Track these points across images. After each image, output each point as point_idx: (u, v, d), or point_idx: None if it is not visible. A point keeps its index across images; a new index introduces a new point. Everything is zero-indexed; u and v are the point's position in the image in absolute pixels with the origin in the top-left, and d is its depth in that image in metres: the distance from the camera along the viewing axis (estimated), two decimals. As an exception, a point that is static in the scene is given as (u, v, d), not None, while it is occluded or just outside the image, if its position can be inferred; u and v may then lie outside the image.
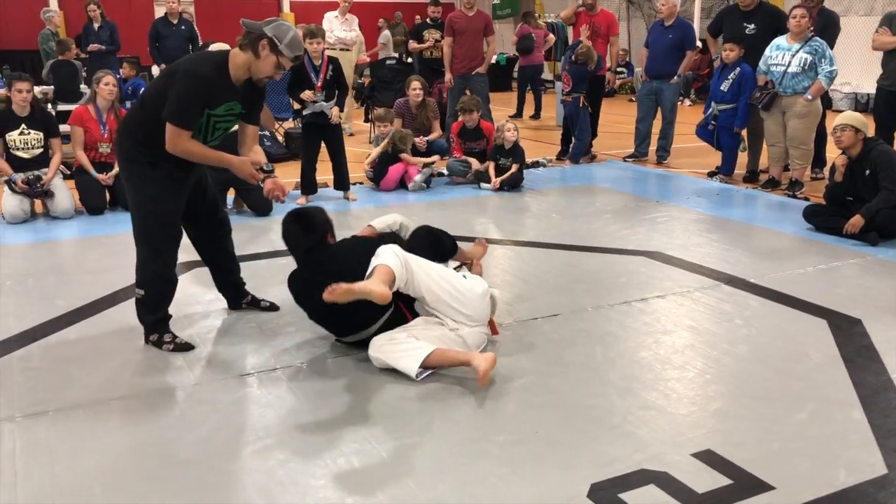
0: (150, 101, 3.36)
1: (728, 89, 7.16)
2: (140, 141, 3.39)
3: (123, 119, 3.62)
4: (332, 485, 2.50)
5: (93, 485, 2.51)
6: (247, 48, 3.35)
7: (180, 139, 3.29)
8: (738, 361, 3.42)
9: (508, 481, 2.51)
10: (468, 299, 3.35)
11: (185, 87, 3.26)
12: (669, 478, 2.51)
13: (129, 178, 3.50)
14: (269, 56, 3.33)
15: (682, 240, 5.37)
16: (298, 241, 3.58)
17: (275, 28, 3.35)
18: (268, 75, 3.41)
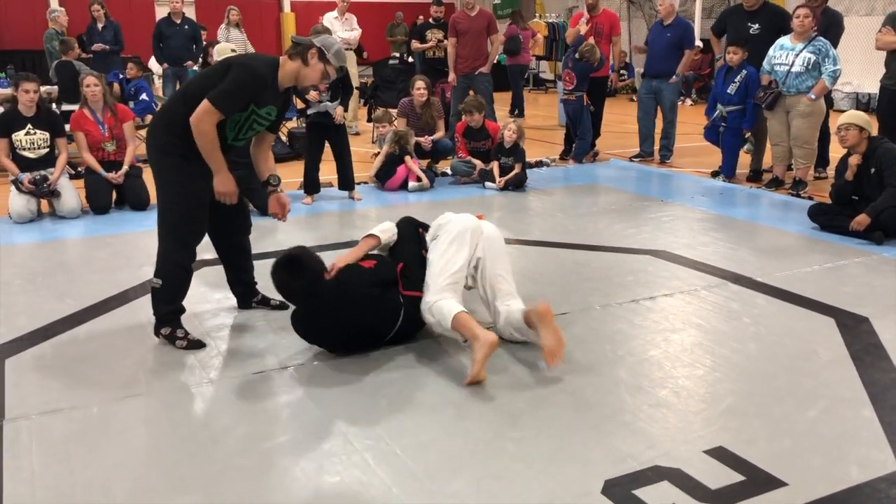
0: (196, 95, 3.37)
1: (735, 92, 7.16)
2: (178, 134, 3.39)
3: (159, 113, 3.65)
4: (348, 482, 2.52)
5: (111, 482, 2.53)
6: (296, 57, 3.50)
7: (209, 118, 3.31)
8: (747, 359, 3.44)
9: (524, 477, 2.53)
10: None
11: (242, 77, 3.35)
12: (682, 474, 2.53)
13: (160, 171, 3.53)
14: (318, 64, 3.51)
15: (687, 239, 5.39)
16: (293, 289, 3.44)
17: (322, 40, 3.59)
18: (314, 82, 3.60)
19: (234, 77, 3.34)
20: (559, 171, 8.14)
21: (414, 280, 3.54)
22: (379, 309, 3.46)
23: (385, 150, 7.07)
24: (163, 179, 3.53)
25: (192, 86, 3.51)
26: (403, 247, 3.71)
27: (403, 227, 3.81)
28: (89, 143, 6.20)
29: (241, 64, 3.42)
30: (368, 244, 3.67)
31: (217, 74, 3.39)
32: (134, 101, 9.08)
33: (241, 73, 3.35)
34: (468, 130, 7.36)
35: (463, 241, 3.55)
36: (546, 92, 17.59)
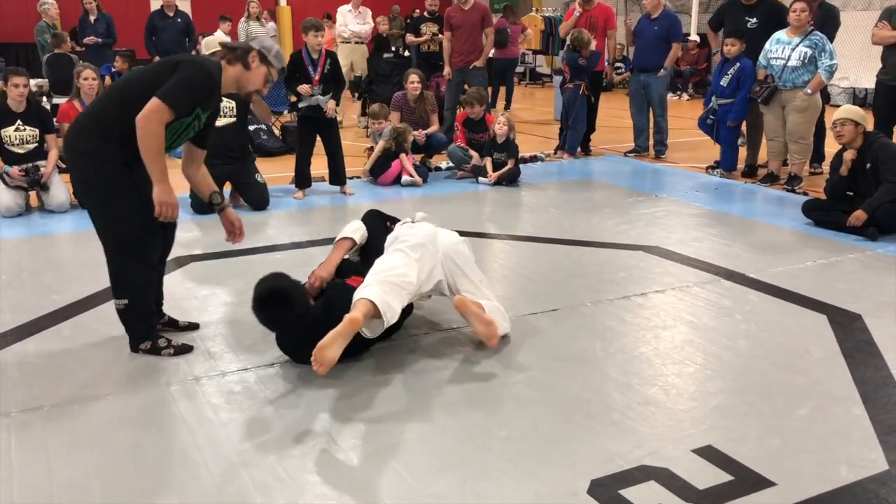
0: (134, 94, 3.13)
1: (728, 84, 7.13)
2: (116, 138, 3.14)
3: (89, 116, 3.28)
4: (331, 482, 2.48)
5: (90, 482, 2.49)
6: (235, 62, 3.35)
7: (160, 117, 3.04)
8: (738, 357, 3.40)
9: (510, 477, 2.49)
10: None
11: (196, 75, 3.16)
12: (670, 474, 2.49)
13: (98, 182, 3.20)
14: (260, 67, 3.38)
15: (680, 234, 5.36)
16: (282, 322, 3.23)
17: (259, 41, 3.47)
18: (257, 87, 3.45)
19: (188, 75, 3.13)
20: (553, 166, 8.09)
21: None
22: None
23: (381, 145, 7.01)
24: (103, 193, 3.21)
25: (129, 84, 3.27)
26: (374, 242, 3.64)
27: (371, 223, 3.74)
28: (78, 137, 6.15)
29: (193, 62, 3.23)
30: (344, 247, 3.56)
31: (161, 72, 3.17)
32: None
33: (194, 71, 3.15)
34: (468, 121, 7.32)
35: (419, 260, 3.27)
36: (543, 86, 17.54)
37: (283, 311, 3.12)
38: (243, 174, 6.11)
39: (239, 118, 6.09)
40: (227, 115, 6.01)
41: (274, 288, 3.15)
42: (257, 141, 8.46)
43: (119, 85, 3.36)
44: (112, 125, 3.16)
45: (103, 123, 3.18)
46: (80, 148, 3.22)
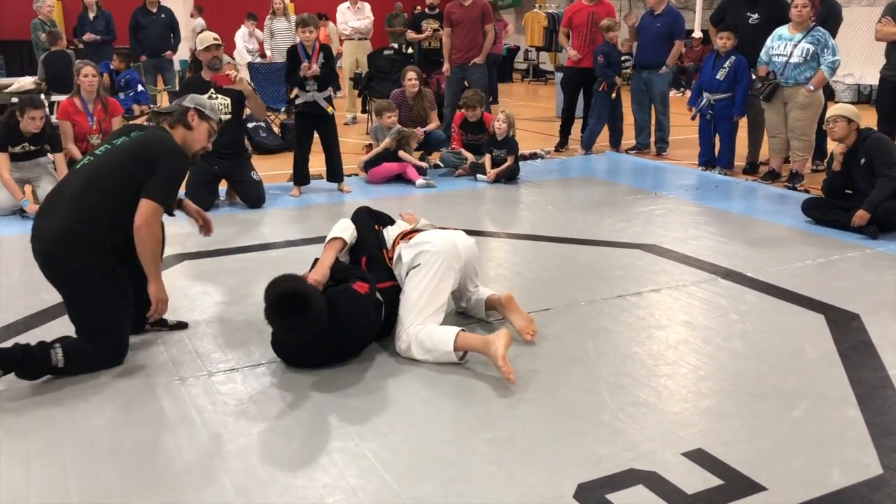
0: (123, 204, 3.12)
1: (724, 78, 7.08)
2: (106, 248, 3.13)
3: (72, 233, 3.09)
4: (313, 484, 2.44)
5: (69, 483, 2.45)
6: (177, 125, 3.41)
7: (158, 219, 3.17)
8: (733, 357, 3.35)
9: (494, 480, 2.44)
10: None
11: (178, 167, 3.27)
12: (658, 478, 2.45)
13: (89, 292, 3.14)
14: (202, 123, 3.45)
15: (679, 232, 5.30)
16: (303, 326, 3.00)
17: (191, 99, 3.49)
18: (203, 145, 3.51)
19: (174, 171, 3.23)
20: (554, 164, 8.04)
21: (380, 270, 3.48)
22: (372, 328, 3.36)
23: (386, 143, 6.96)
24: (91, 282, 3.13)
25: (110, 192, 3.14)
26: (363, 239, 3.61)
27: (360, 221, 3.70)
28: (75, 134, 6.11)
29: (171, 151, 3.24)
30: (335, 248, 3.47)
31: (142, 167, 3.13)
32: (124, 93, 9.01)
33: (176, 162, 3.24)
34: (465, 123, 7.25)
35: (447, 275, 3.36)
36: (546, 83, 17.46)
37: (300, 317, 2.93)
38: (238, 172, 6.07)
39: (234, 116, 6.04)
40: (223, 113, 5.96)
41: (292, 292, 2.96)
42: (256, 138, 8.44)
43: (96, 194, 3.14)
44: (101, 238, 3.13)
45: (90, 239, 3.11)
46: (70, 267, 3.12)
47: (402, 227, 3.75)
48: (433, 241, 3.42)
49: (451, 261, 3.39)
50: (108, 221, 3.15)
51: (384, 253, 3.60)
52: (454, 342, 3.15)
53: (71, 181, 3.28)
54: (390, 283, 3.48)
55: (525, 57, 18.60)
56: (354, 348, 3.37)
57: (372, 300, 3.29)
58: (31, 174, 5.93)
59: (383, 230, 3.77)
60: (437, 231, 3.62)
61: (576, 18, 8.37)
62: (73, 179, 3.28)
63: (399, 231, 3.69)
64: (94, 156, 3.31)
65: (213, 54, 6.01)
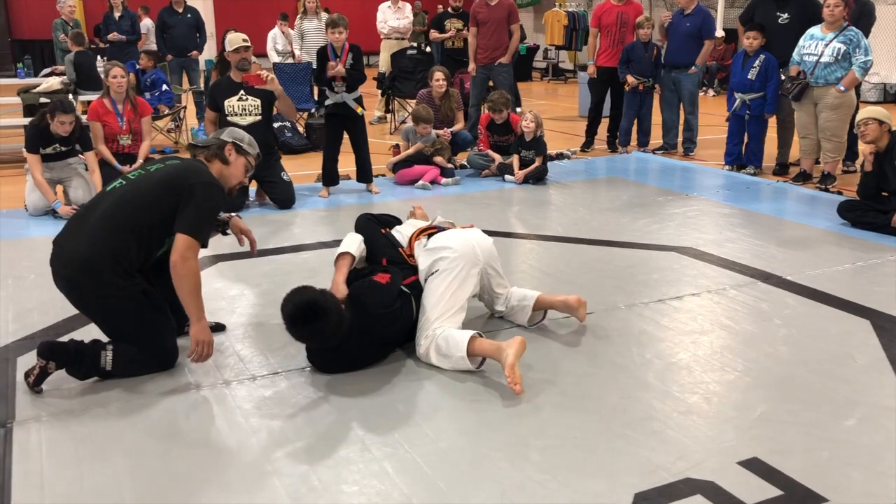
0: (154, 231, 3.10)
1: (756, 77, 7.04)
2: (135, 272, 3.11)
3: (102, 255, 3.04)
4: (366, 491, 2.42)
5: (122, 489, 2.45)
6: (213, 159, 3.32)
7: (195, 254, 3.05)
8: (780, 364, 3.31)
9: (549, 489, 2.42)
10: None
11: (214, 200, 3.16)
12: (716, 488, 2.41)
13: (116, 298, 3.09)
14: (238, 158, 3.37)
15: (713, 235, 5.25)
16: (323, 333, 3.05)
17: (230, 133, 3.41)
18: (240, 180, 3.42)
19: (209, 205, 3.12)
20: (580, 164, 7.99)
21: (403, 268, 3.47)
22: (401, 317, 3.34)
23: (417, 146, 6.93)
24: (124, 306, 3.11)
25: (140, 219, 3.09)
26: (374, 245, 3.59)
27: (366, 229, 3.69)
28: (105, 135, 6.12)
29: (205, 184, 3.13)
30: (346, 265, 3.44)
31: (176, 197, 3.06)
32: (150, 93, 9.02)
33: (212, 195, 3.14)
34: (492, 124, 7.21)
35: (466, 280, 3.35)
36: (566, 82, 17.40)
37: (320, 324, 2.97)
38: (269, 172, 6.06)
39: (264, 116, 6.04)
40: (253, 114, 5.97)
41: (305, 302, 2.99)
42: (281, 138, 8.43)
43: (126, 217, 3.09)
44: (129, 261, 3.09)
45: (120, 264, 3.06)
46: (98, 293, 3.09)
47: (417, 225, 3.74)
48: (451, 244, 3.38)
49: (470, 266, 3.37)
50: (135, 245, 3.09)
51: (401, 251, 3.59)
52: (467, 348, 3.11)
53: (100, 203, 3.19)
54: (413, 277, 3.46)
55: (545, 56, 18.53)
56: (389, 341, 3.34)
57: (394, 288, 3.30)
58: (62, 174, 5.95)
59: (392, 231, 3.76)
60: (455, 232, 3.55)
61: (605, 18, 8.32)
62: (102, 201, 3.20)
63: (415, 228, 3.69)
64: (127, 180, 3.24)
65: (242, 56, 6.01)
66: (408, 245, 3.61)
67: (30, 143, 5.73)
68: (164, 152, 8.28)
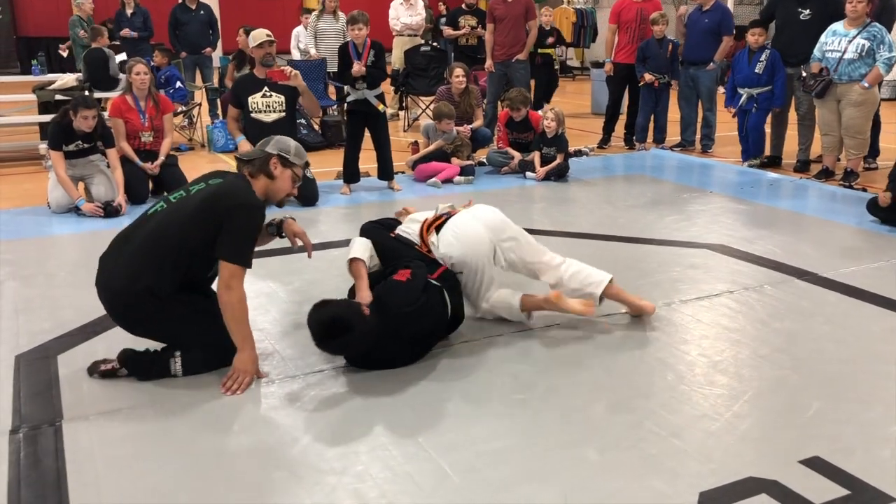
0: (195, 258, 3.03)
1: (763, 71, 7.08)
2: (176, 278, 3.03)
3: (142, 289, 3.00)
4: (420, 491, 2.39)
5: (177, 491, 2.42)
6: (258, 174, 3.19)
7: (240, 282, 2.98)
8: (828, 362, 3.28)
9: (611, 489, 2.39)
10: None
11: (253, 222, 3.05)
12: (781, 487, 2.38)
13: (160, 318, 3.07)
14: (285, 171, 3.22)
15: (742, 231, 5.22)
16: (352, 344, 3.08)
17: (275, 144, 3.23)
18: (288, 192, 3.29)
19: (247, 226, 3.02)
20: (598, 161, 7.97)
21: (424, 260, 3.45)
22: (430, 311, 3.30)
23: (438, 144, 6.90)
24: (169, 321, 3.10)
25: (177, 248, 3.01)
26: (387, 249, 3.54)
27: (374, 234, 3.62)
28: (127, 131, 6.09)
29: (244, 206, 3.03)
30: (363, 269, 3.40)
31: (212, 220, 2.98)
32: (164, 90, 8.97)
33: (250, 218, 3.03)
34: (511, 121, 7.17)
35: (482, 269, 3.52)
36: (574, 79, 17.35)
37: (345, 338, 2.99)
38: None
39: (288, 113, 6.00)
40: (277, 111, 5.94)
41: (329, 318, 3.01)
42: (297, 135, 8.37)
43: (167, 247, 3.03)
44: (168, 288, 3.02)
45: (157, 296, 3.01)
46: (139, 317, 3.09)
47: (420, 219, 3.70)
48: (453, 252, 3.47)
49: (478, 258, 3.49)
50: (175, 274, 3.03)
51: (418, 249, 3.56)
52: (519, 302, 3.54)
53: (142, 227, 3.13)
54: (441, 269, 3.44)
55: (552, 53, 18.46)
56: (422, 337, 3.30)
57: (416, 283, 3.27)
58: (85, 171, 5.91)
59: (398, 232, 3.69)
60: (456, 223, 3.55)
61: (624, 15, 8.29)
62: (144, 225, 3.14)
63: (419, 223, 3.66)
64: (168, 203, 3.17)
65: (266, 51, 5.98)
66: (421, 242, 3.59)
67: (53, 140, 5.69)
68: (180, 149, 8.24)
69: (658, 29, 7.99)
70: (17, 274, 4.43)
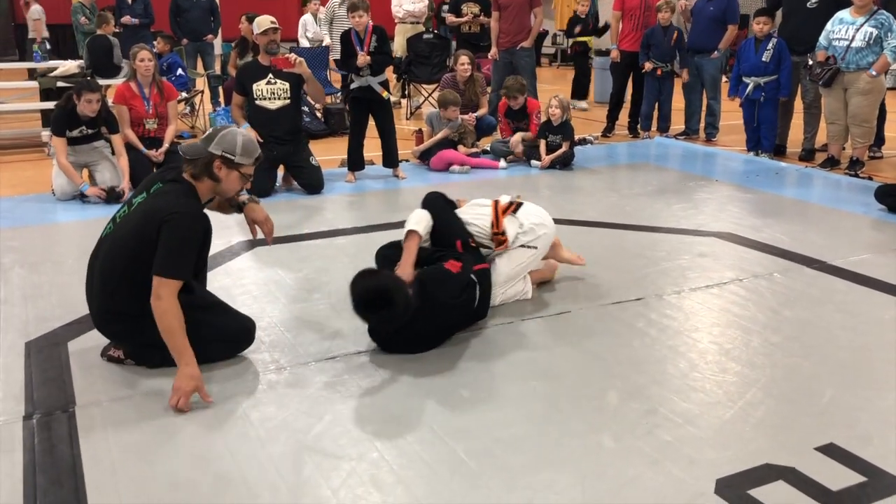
0: (135, 256, 2.88)
1: (770, 60, 7.05)
2: (145, 294, 2.84)
3: (100, 291, 3.01)
4: (440, 476, 2.39)
5: (194, 478, 2.41)
6: (202, 177, 2.98)
7: (167, 293, 2.79)
8: (841, 350, 3.27)
9: (628, 476, 2.39)
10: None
11: (184, 233, 2.86)
12: (798, 473, 2.38)
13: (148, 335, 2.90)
14: (231, 173, 2.99)
15: (750, 220, 5.21)
16: (391, 319, 3.07)
17: (219, 143, 2.95)
18: (238, 190, 3.12)
19: (179, 236, 2.84)
20: (602, 149, 7.94)
21: (472, 251, 3.47)
22: (464, 309, 3.34)
23: (444, 133, 6.87)
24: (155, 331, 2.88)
25: (125, 259, 2.93)
26: (448, 224, 3.56)
27: (436, 207, 3.61)
28: (132, 118, 6.05)
29: (176, 215, 2.84)
30: (415, 243, 3.41)
31: (148, 236, 2.84)
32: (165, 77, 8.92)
33: (183, 228, 2.85)
34: (509, 111, 7.14)
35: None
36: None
37: (385, 312, 2.99)
38: (298, 157, 6.00)
39: (293, 100, 5.97)
40: (282, 98, 5.90)
41: (375, 288, 3.01)
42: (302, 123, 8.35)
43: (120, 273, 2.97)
44: (141, 305, 2.86)
45: (128, 311, 2.98)
46: (126, 334, 3.09)
47: (486, 203, 3.77)
48: (546, 222, 3.84)
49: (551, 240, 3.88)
50: (142, 291, 2.85)
51: (477, 233, 3.62)
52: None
53: (100, 251, 3.09)
54: (481, 265, 3.47)
55: (553, 41, 18.40)
56: (448, 329, 3.32)
57: (463, 278, 3.29)
58: (89, 158, 5.88)
59: (464, 213, 3.74)
60: (534, 208, 3.91)
61: (628, 2, 8.25)
62: (101, 249, 3.09)
63: (488, 205, 3.74)
64: (115, 223, 3.08)
65: (271, 38, 5.93)
66: (495, 222, 3.66)
67: (56, 126, 5.67)
68: (183, 137, 8.20)
69: (663, 16, 7.96)
70: (25, 261, 4.41)
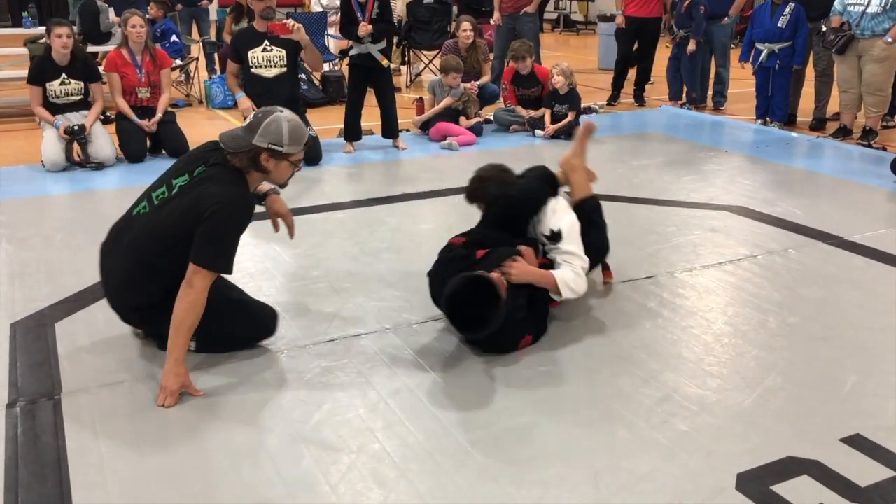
0: (173, 244, 2.70)
1: (786, 26, 6.81)
2: (173, 279, 2.68)
3: (130, 265, 2.82)
4: (445, 470, 2.26)
5: (185, 467, 2.29)
6: (250, 170, 2.81)
7: (201, 283, 2.63)
8: (860, 331, 3.14)
9: (646, 470, 2.26)
10: None
11: (228, 223, 2.69)
12: (823, 468, 2.26)
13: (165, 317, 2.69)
14: (280, 163, 2.82)
15: (762, 193, 5.05)
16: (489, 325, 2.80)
17: (264, 134, 2.74)
18: (290, 176, 2.95)
19: (222, 226, 2.66)
20: (607, 118, 7.74)
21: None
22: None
23: (447, 102, 6.66)
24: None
25: (161, 244, 2.75)
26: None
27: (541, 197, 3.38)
28: (123, 87, 5.87)
29: (222, 204, 2.66)
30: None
31: (194, 220, 2.66)
32: (160, 44, 8.70)
33: (227, 217, 2.67)
34: (517, 76, 6.93)
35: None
36: (578, 34, 16.98)
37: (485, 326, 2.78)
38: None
39: (290, 68, 5.77)
40: (278, 66, 5.71)
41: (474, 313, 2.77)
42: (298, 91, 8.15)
43: (156, 259, 2.78)
44: (167, 286, 2.71)
45: (153, 291, 2.81)
46: (141, 317, 2.95)
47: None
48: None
49: None
50: (171, 277, 2.71)
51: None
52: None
53: (127, 231, 2.89)
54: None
55: (556, 6, 18.07)
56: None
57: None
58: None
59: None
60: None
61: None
62: (129, 228, 2.88)
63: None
64: (151, 204, 2.86)
65: (267, 4, 5.73)
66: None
67: (32, 75, 5.68)
68: (177, 105, 8.00)
69: None
70: (13, 236, 4.26)
